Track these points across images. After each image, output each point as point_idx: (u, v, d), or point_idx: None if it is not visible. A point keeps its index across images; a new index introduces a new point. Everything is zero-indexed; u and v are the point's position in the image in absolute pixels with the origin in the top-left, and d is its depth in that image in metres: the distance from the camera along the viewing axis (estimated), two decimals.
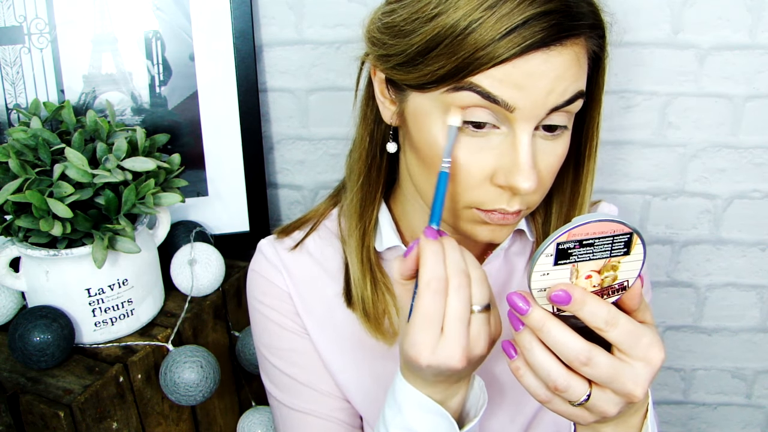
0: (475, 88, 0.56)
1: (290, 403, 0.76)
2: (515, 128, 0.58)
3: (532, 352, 0.51)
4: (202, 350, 0.89)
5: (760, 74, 1.05)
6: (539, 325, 0.50)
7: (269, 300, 0.77)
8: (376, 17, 0.64)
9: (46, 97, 1.00)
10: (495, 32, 0.54)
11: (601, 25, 0.60)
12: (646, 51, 1.05)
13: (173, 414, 0.95)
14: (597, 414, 0.51)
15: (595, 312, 0.49)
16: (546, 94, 0.56)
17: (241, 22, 1.03)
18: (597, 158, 0.70)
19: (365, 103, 0.72)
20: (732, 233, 1.17)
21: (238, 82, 1.05)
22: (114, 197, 0.83)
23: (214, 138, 1.06)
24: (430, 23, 0.56)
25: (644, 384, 0.50)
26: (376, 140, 0.72)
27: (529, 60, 0.55)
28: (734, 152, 1.11)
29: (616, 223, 0.47)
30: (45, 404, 0.80)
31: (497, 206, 0.61)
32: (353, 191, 0.74)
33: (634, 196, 1.15)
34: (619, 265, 0.49)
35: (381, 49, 0.62)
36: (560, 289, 0.49)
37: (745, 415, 1.33)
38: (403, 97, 0.63)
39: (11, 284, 0.88)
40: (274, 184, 1.19)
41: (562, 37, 0.55)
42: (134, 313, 0.91)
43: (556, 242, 0.47)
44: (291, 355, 0.76)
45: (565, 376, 0.50)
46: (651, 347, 0.50)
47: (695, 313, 1.24)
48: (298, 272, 0.77)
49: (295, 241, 0.79)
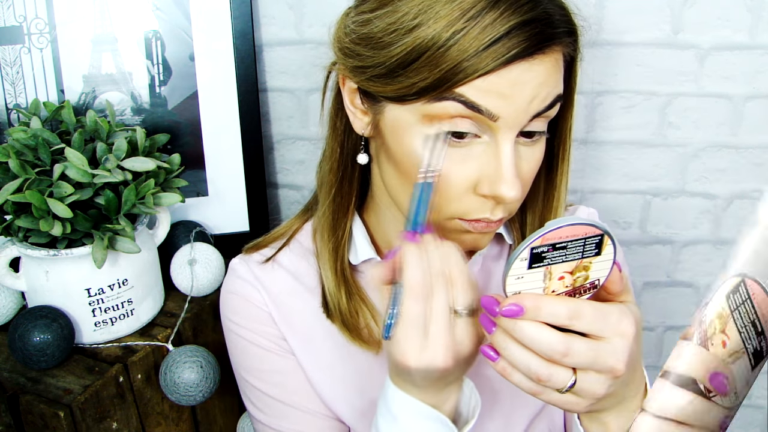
0: (459, 98, 0.56)
1: (277, 426, 0.74)
2: (498, 137, 0.58)
3: (508, 350, 0.51)
4: (202, 350, 0.89)
5: (760, 74, 1.05)
6: (510, 325, 0.50)
7: (246, 321, 0.75)
8: (347, 26, 0.63)
9: (46, 97, 1.00)
10: (479, 43, 0.53)
11: (575, 30, 0.60)
12: (646, 51, 1.05)
13: (173, 414, 0.95)
14: (588, 397, 0.51)
15: (554, 312, 0.49)
16: (529, 102, 0.56)
17: (241, 22, 1.03)
18: (571, 160, 0.70)
19: (334, 114, 0.70)
20: (732, 233, 1.17)
21: (238, 82, 1.05)
22: (114, 197, 0.83)
23: (214, 138, 1.06)
24: (410, 35, 0.56)
25: (623, 357, 0.50)
26: (347, 151, 0.71)
27: (513, 70, 0.55)
28: (734, 152, 1.11)
29: (587, 226, 0.48)
30: (45, 404, 0.80)
31: (481, 216, 0.61)
32: (325, 204, 0.73)
33: (634, 196, 1.15)
34: (591, 265, 0.50)
35: (356, 61, 0.61)
36: (510, 303, 0.49)
37: (745, 415, 1.33)
38: (378, 109, 0.62)
39: (11, 284, 0.88)
40: (274, 184, 1.19)
41: (544, 45, 0.55)
42: (134, 313, 0.91)
43: (530, 247, 0.48)
44: (274, 377, 0.75)
45: (545, 366, 0.50)
46: (621, 321, 0.50)
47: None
48: (273, 286, 0.75)
49: (265, 256, 0.77)
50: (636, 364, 0.54)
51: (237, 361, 0.78)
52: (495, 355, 0.53)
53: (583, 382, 0.50)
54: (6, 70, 0.99)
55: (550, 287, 0.51)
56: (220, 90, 1.05)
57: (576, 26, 0.60)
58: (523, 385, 0.52)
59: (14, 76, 0.99)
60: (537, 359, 0.50)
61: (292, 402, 0.74)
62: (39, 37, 0.99)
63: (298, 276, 0.76)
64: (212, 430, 1.03)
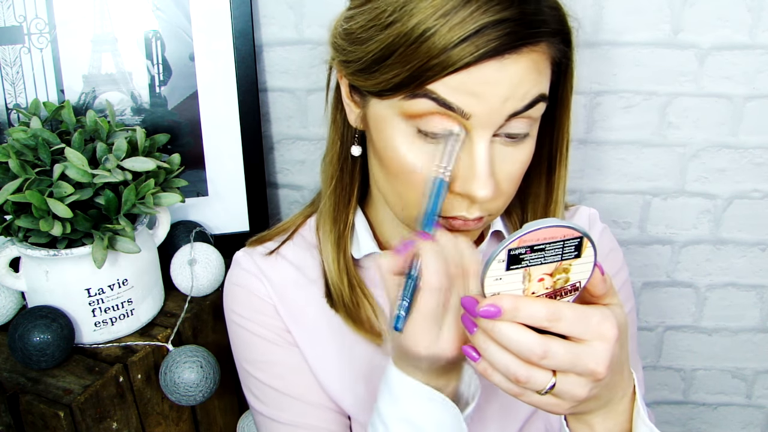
0: (431, 95, 0.56)
1: (278, 417, 0.75)
2: (472, 136, 0.58)
3: (488, 351, 0.51)
4: (201, 350, 0.89)
5: (760, 74, 1.05)
6: (489, 326, 0.50)
7: (250, 313, 0.76)
8: (339, 23, 0.64)
9: (46, 97, 1.00)
10: (448, 41, 0.54)
11: (565, 30, 0.59)
12: (646, 51, 1.05)
13: (173, 414, 0.95)
14: (569, 399, 0.51)
15: (533, 314, 0.49)
16: (502, 102, 0.56)
17: (241, 22, 1.03)
18: (569, 162, 0.70)
19: (335, 107, 0.72)
20: (732, 233, 1.17)
21: (238, 82, 1.05)
22: (114, 197, 0.83)
23: (214, 138, 1.06)
24: (385, 31, 0.57)
25: (604, 360, 0.50)
26: (346, 143, 0.72)
27: (483, 68, 0.55)
28: (734, 152, 1.11)
29: (566, 228, 0.49)
30: (45, 404, 0.80)
31: (457, 213, 0.61)
32: (326, 195, 0.74)
33: (634, 196, 1.15)
34: (571, 267, 0.51)
35: (342, 55, 0.62)
36: (487, 304, 0.49)
37: (745, 415, 1.33)
38: (365, 102, 0.64)
39: (11, 284, 0.88)
40: (274, 184, 1.19)
41: (518, 45, 0.55)
42: (134, 313, 0.91)
43: (507, 248, 0.48)
44: (278, 368, 0.75)
45: (524, 368, 0.50)
46: (602, 324, 0.50)
47: (695, 313, 1.24)
48: (278, 279, 0.76)
49: (269, 249, 0.78)
50: (621, 367, 0.54)
51: (240, 353, 0.78)
52: (476, 355, 0.53)
53: (563, 384, 0.50)
54: (6, 70, 0.99)
55: (529, 289, 0.51)
56: (220, 90, 1.05)
57: (567, 26, 0.60)
58: (503, 385, 0.52)
59: (14, 76, 0.99)
60: (516, 360, 0.50)
61: (294, 393, 0.75)
62: (39, 37, 0.99)
63: (302, 268, 0.77)
64: (212, 430, 1.03)
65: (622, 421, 0.57)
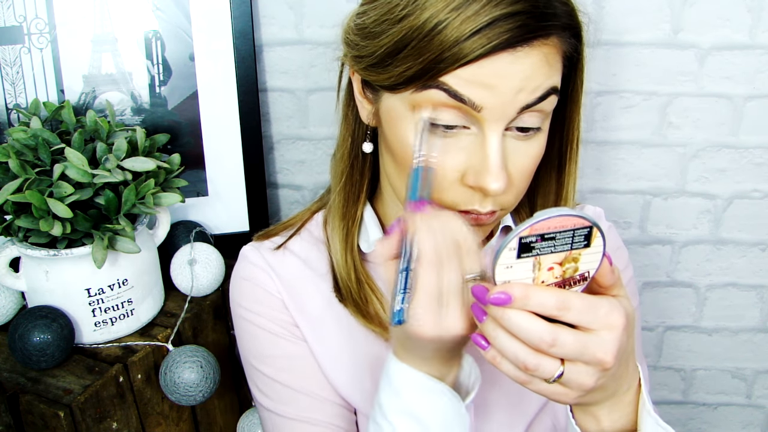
0: (443, 86, 0.56)
1: (284, 412, 0.75)
2: (484, 128, 0.58)
3: (498, 339, 0.51)
4: (201, 350, 0.89)
5: (760, 74, 1.05)
6: (499, 314, 0.50)
7: (258, 307, 0.76)
8: (351, 19, 0.65)
9: (46, 97, 1.00)
10: (460, 33, 0.54)
11: (575, 25, 0.60)
12: (646, 51, 1.05)
13: (173, 414, 0.95)
14: (576, 388, 0.51)
15: (543, 302, 0.49)
16: (515, 94, 0.56)
17: (241, 22, 1.03)
18: (578, 158, 0.70)
19: (346, 104, 0.72)
20: (732, 233, 1.17)
21: (238, 82, 1.05)
22: (114, 197, 0.83)
23: (214, 138, 1.06)
24: (398, 24, 0.57)
25: (612, 350, 0.50)
26: (357, 140, 0.72)
27: (496, 61, 0.55)
28: (734, 152, 1.11)
29: (576, 218, 0.49)
30: (45, 404, 0.80)
31: (470, 207, 0.62)
32: (336, 191, 0.74)
33: (634, 196, 1.15)
34: (580, 257, 0.51)
35: (354, 50, 0.63)
36: (498, 292, 0.49)
37: (745, 415, 1.33)
38: (377, 98, 0.64)
39: (11, 284, 0.88)
40: (274, 184, 1.19)
41: (530, 38, 0.55)
42: (134, 313, 0.91)
43: (518, 236, 0.49)
44: (284, 362, 0.75)
45: (533, 355, 0.50)
46: (610, 314, 0.50)
47: (695, 313, 1.24)
48: (285, 272, 0.76)
49: (276, 243, 0.78)
50: (627, 358, 0.54)
51: (246, 347, 0.78)
52: (485, 343, 0.53)
53: (571, 373, 0.51)
54: (6, 70, 0.99)
55: (539, 277, 0.51)
56: (220, 90, 1.05)
57: (578, 21, 0.60)
58: (512, 373, 0.53)
59: (14, 76, 0.99)
60: (525, 348, 0.50)
61: (300, 388, 0.75)
62: (39, 37, 0.99)
63: (309, 262, 0.77)
64: (212, 430, 1.03)
65: (628, 413, 0.57)
